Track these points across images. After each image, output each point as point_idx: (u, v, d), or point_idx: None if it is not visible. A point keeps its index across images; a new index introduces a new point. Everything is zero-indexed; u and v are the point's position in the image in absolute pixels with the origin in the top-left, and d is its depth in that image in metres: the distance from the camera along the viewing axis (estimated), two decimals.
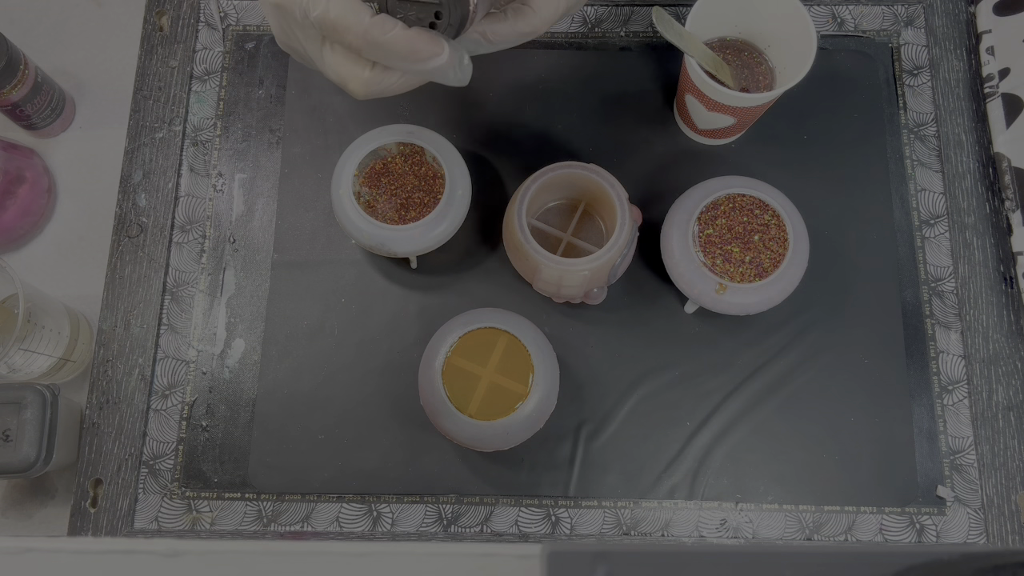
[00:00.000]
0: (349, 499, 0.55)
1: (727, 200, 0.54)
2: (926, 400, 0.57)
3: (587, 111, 0.62)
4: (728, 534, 0.55)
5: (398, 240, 0.53)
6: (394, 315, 0.58)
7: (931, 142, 0.62)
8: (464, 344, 0.50)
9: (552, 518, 0.55)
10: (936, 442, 0.56)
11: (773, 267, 0.53)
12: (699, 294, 0.53)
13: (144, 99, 0.63)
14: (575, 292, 0.54)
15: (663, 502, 0.55)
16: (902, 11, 0.64)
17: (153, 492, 0.55)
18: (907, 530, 0.55)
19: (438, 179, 0.56)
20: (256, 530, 0.55)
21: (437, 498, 0.55)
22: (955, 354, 0.57)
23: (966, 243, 0.60)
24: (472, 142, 0.61)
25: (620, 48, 0.64)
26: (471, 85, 0.63)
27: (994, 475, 0.55)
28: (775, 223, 0.54)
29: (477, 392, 0.50)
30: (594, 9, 0.65)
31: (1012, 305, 0.58)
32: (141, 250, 0.60)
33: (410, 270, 0.59)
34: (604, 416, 0.56)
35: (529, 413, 0.50)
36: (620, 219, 0.53)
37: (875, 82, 0.63)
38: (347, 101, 0.62)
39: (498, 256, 0.59)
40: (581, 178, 0.54)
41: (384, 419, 0.56)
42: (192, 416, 0.56)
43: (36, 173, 0.63)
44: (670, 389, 0.57)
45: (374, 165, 0.56)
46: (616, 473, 0.55)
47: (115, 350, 0.58)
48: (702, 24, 0.56)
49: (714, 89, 0.53)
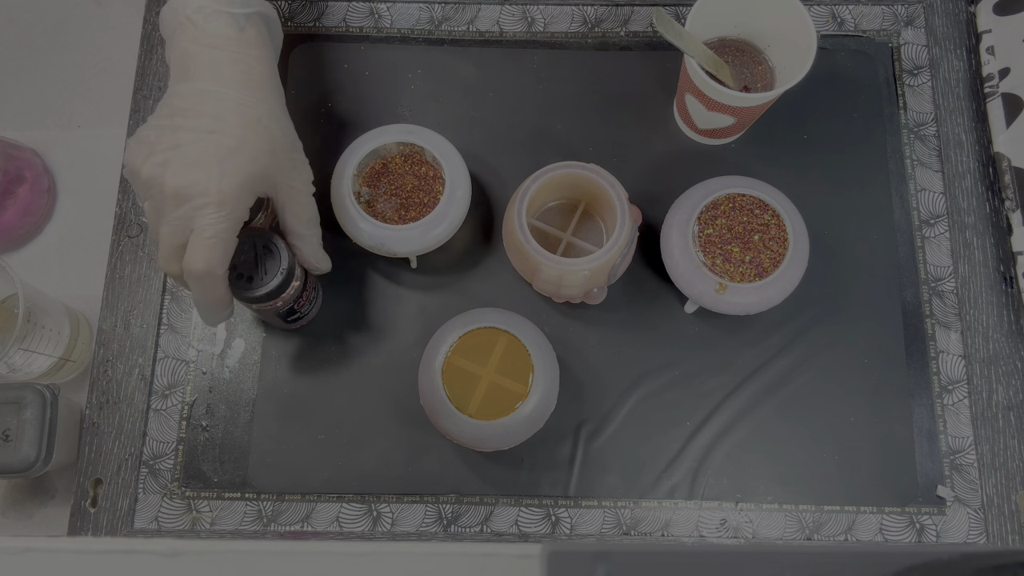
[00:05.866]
0: (349, 499, 0.55)
1: (727, 200, 0.54)
2: (926, 400, 0.57)
3: (587, 111, 0.62)
4: (728, 534, 0.55)
5: (398, 240, 0.53)
6: (394, 315, 0.58)
7: (931, 142, 0.62)
8: (464, 344, 0.50)
9: (552, 518, 0.55)
10: (936, 442, 0.56)
11: (773, 267, 0.53)
12: (699, 294, 0.53)
13: (144, 99, 0.63)
14: (575, 292, 0.54)
15: (663, 502, 0.55)
16: (902, 11, 0.64)
17: (153, 492, 0.55)
18: (907, 530, 0.55)
19: (438, 179, 0.56)
20: (256, 530, 0.55)
21: (437, 498, 0.55)
22: (955, 354, 0.57)
23: (966, 243, 0.60)
24: (472, 142, 0.61)
25: (620, 48, 0.64)
26: (471, 85, 0.63)
27: (994, 475, 0.55)
28: (775, 223, 0.54)
29: (477, 392, 0.50)
30: (594, 9, 0.65)
31: (1012, 305, 0.58)
32: (141, 250, 0.60)
33: (410, 270, 0.59)
34: (604, 416, 0.56)
35: (529, 413, 0.50)
36: (620, 219, 0.53)
37: (875, 82, 0.63)
38: (347, 101, 0.62)
39: (498, 256, 0.59)
40: (581, 178, 0.54)
41: (384, 419, 0.56)
42: (192, 416, 0.56)
43: (36, 173, 0.63)
44: (670, 389, 0.57)
45: (374, 165, 0.56)
46: (616, 473, 0.55)
47: (115, 350, 0.58)
48: (702, 24, 0.56)
49: (714, 89, 0.53)
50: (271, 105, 0.49)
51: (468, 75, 0.63)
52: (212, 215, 0.45)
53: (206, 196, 0.45)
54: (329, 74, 0.63)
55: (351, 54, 0.64)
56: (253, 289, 0.49)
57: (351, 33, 0.64)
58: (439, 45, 0.64)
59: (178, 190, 0.45)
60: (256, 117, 0.48)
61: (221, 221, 0.45)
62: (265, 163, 0.47)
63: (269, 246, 0.50)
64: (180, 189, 0.45)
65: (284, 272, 0.49)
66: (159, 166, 0.45)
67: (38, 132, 0.66)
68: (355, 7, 0.65)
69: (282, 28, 0.64)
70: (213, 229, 0.45)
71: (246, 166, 0.46)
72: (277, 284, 0.49)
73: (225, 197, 0.45)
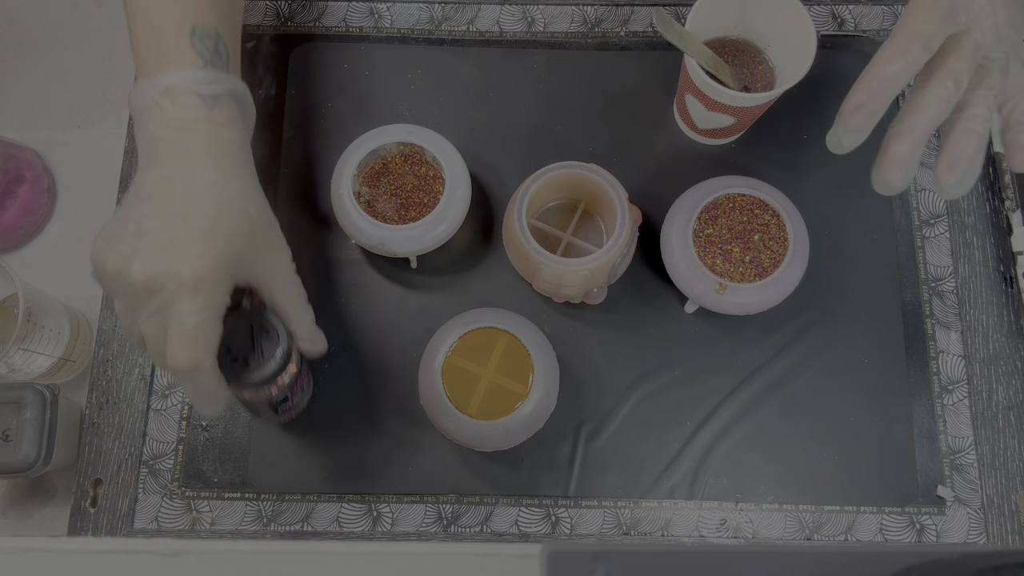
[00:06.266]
0: (349, 499, 0.55)
1: (727, 200, 0.54)
2: (926, 400, 0.57)
3: (587, 111, 0.62)
4: (728, 534, 0.55)
5: (398, 240, 0.53)
6: (394, 315, 0.58)
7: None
8: (464, 344, 0.50)
9: (552, 518, 0.55)
10: (936, 442, 0.56)
11: (773, 267, 0.53)
12: (699, 294, 0.53)
13: None
14: (575, 292, 0.54)
15: (663, 502, 0.55)
16: (902, 11, 0.64)
17: (153, 492, 0.55)
18: (907, 530, 0.55)
19: (438, 179, 0.56)
20: (256, 530, 0.55)
21: (437, 498, 0.55)
22: (955, 354, 0.57)
23: (966, 243, 0.60)
24: (472, 142, 0.61)
25: (620, 48, 0.64)
26: (471, 85, 0.63)
27: (994, 475, 0.55)
28: (775, 223, 0.54)
29: (477, 392, 0.50)
30: (594, 9, 0.65)
31: (1012, 305, 0.58)
32: None
33: (410, 270, 0.59)
34: (604, 416, 0.56)
35: (529, 413, 0.50)
36: (620, 219, 0.53)
37: None
38: (347, 101, 0.62)
39: (498, 256, 0.59)
40: (581, 178, 0.54)
41: (384, 419, 0.56)
42: (192, 416, 0.56)
43: (36, 173, 0.63)
44: (670, 389, 0.57)
45: (374, 165, 0.56)
46: (616, 473, 0.55)
47: (115, 350, 0.58)
48: (702, 24, 0.56)
49: (714, 89, 0.53)
50: (246, 185, 0.46)
51: (468, 75, 0.63)
52: (189, 303, 0.41)
53: (179, 282, 0.41)
54: (329, 74, 0.63)
55: (351, 54, 0.64)
56: (250, 372, 0.45)
57: (351, 33, 0.64)
58: (439, 45, 0.64)
59: (149, 280, 0.41)
60: (230, 197, 0.45)
61: (200, 310, 0.41)
62: (242, 245, 0.44)
63: (266, 326, 0.46)
64: (151, 279, 0.41)
65: (283, 356, 0.46)
66: (127, 257, 0.42)
67: (38, 132, 0.66)
68: (355, 7, 0.65)
69: (282, 29, 0.64)
70: (193, 319, 0.41)
71: (222, 248, 0.43)
72: (275, 368, 0.46)
73: (201, 282, 0.41)
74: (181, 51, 0.47)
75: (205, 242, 0.42)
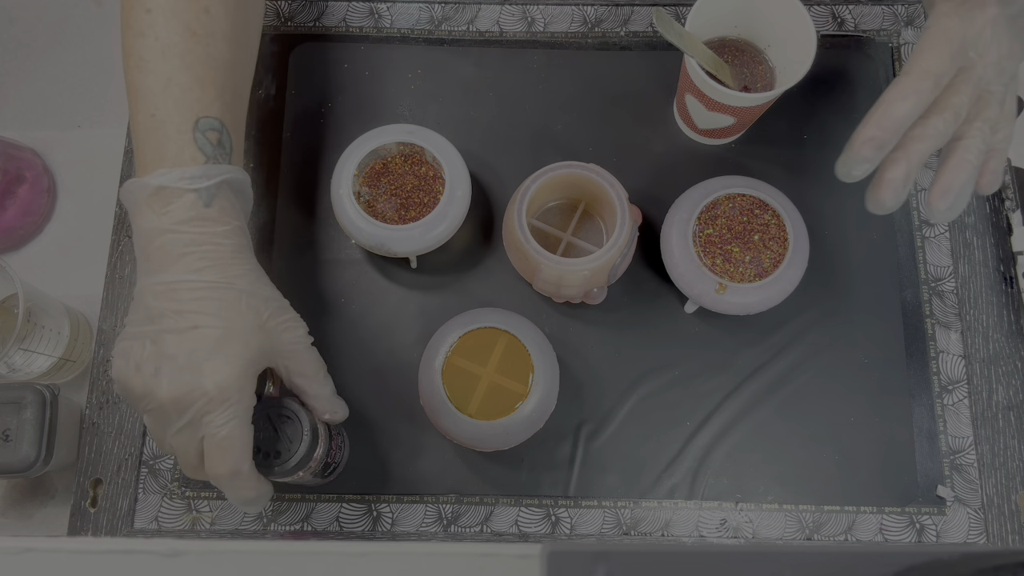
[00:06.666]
0: (349, 499, 0.55)
1: (727, 200, 0.54)
2: (926, 400, 0.57)
3: (587, 111, 0.62)
4: (728, 534, 0.55)
5: (398, 240, 0.53)
6: (394, 315, 0.58)
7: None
8: (464, 344, 0.50)
9: (552, 518, 0.55)
10: (936, 442, 0.56)
11: (773, 267, 0.53)
12: (699, 294, 0.53)
13: None
14: (575, 292, 0.54)
15: (663, 502, 0.55)
16: (902, 11, 0.64)
17: (153, 492, 0.55)
18: (907, 530, 0.55)
19: (438, 179, 0.56)
20: (256, 530, 0.55)
21: (437, 498, 0.55)
22: (955, 354, 0.57)
23: (966, 243, 0.60)
24: (472, 142, 0.61)
25: (620, 48, 0.64)
26: (471, 85, 0.63)
27: (994, 475, 0.55)
28: (775, 223, 0.54)
29: (477, 392, 0.50)
30: (594, 9, 0.65)
31: (1012, 305, 0.58)
32: None
33: (410, 270, 0.59)
34: (604, 416, 0.56)
35: (529, 413, 0.50)
36: (620, 219, 0.53)
37: (875, 82, 0.63)
38: (347, 101, 0.62)
39: (498, 256, 0.59)
40: (581, 178, 0.54)
41: (384, 419, 0.56)
42: None
43: (36, 173, 0.63)
44: (670, 389, 0.57)
45: (374, 165, 0.56)
46: (616, 473, 0.55)
47: None
48: (702, 24, 0.56)
49: (714, 89, 0.53)
50: (249, 278, 0.47)
51: (468, 75, 0.63)
52: (219, 416, 0.43)
53: (206, 398, 0.42)
54: (329, 74, 0.63)
55: (351, 54, 0.64)
56: (284, 462, 0.46)
57: (351, 33, 0.64)
58: (439, 45, 0.64)
59: (176, 400, 0.43)
60: (236, 296, 0.45)
61: (230, 419, 0.43)
62: (259, 342, 0.45)
63: (284, 412, 0.47)
64: (178, 399, 0.43)
65: (309, 435, 0.46)
66: (152, 377, 0.43)
67: (38, 132, 0.66)
68: (355, 7, 0.65)
69: (282, 29, 0.64)
70: (225, 430, 0.43)
71: (240, 352, 0.44)
72: (306, 449, 0.46)
73: (226, 393, 0.43)
74: (182, 146, 0.46)
75: (223, 351, 0.43)
